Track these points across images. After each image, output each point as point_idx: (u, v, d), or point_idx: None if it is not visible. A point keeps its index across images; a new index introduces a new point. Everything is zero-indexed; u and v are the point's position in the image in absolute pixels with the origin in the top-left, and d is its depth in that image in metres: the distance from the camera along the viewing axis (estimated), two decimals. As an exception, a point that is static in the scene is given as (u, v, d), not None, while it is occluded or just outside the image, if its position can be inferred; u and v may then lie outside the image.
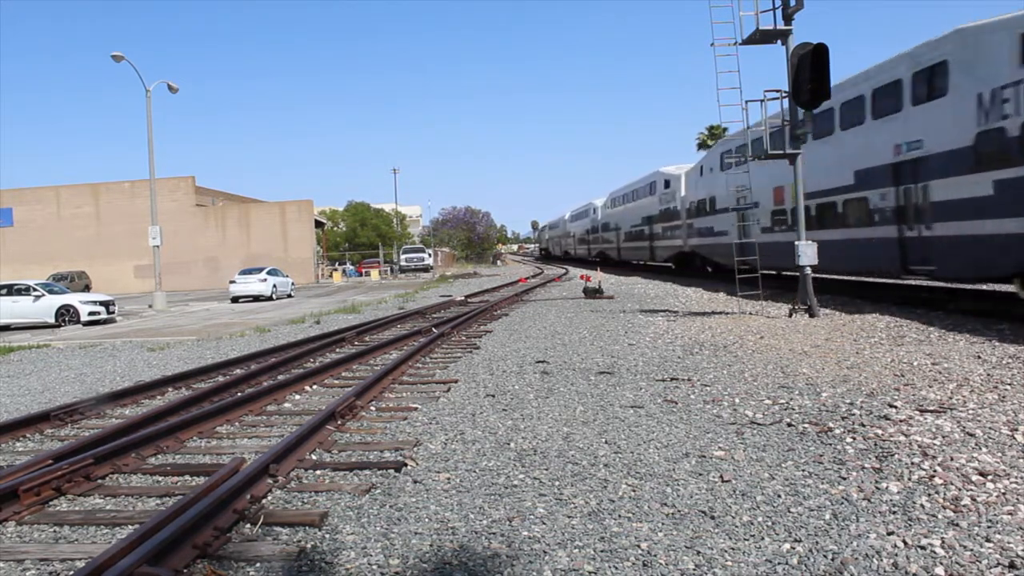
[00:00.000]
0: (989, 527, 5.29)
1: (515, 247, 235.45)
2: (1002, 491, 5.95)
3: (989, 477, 6.27)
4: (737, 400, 9.77)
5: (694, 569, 4.92)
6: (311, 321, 25.79)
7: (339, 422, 9.27)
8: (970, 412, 8.44)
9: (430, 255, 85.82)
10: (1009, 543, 5.01)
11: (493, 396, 10.84)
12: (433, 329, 19.00)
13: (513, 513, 6.06)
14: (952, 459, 6.79)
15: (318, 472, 7.45)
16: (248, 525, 5.98)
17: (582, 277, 36.04)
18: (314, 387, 12.31)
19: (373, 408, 10.35)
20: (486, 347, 16.16)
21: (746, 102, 20.59)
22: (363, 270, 76.84)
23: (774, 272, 29.57)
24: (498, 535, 5.63)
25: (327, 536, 5.75)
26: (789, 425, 8.41)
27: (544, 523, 5.82)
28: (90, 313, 30.08)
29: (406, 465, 7.52)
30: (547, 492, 6.54)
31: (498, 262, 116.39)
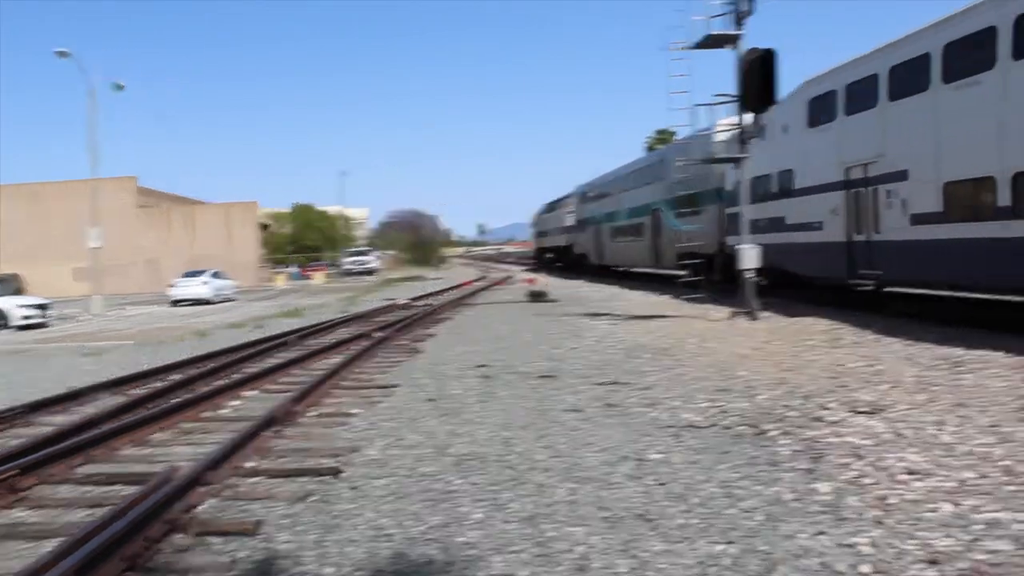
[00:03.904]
0: (913, 525, 5.41)
1: (461, 250, 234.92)
2: (928, 489, 6.09)
3: (916, 476, 6.41)
4: (676, 403, 9.86)
5: (628, 572, 4.96)
6: (253, 325, 25.52)
7: (277, 428, 9.17)
8: (900, 413, 8.61)
9: (375, 258, 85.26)
10: (932, 540, 5.13)
11: (433, 400, 10.81)
12: (376, 333, 18.90)
13: (450, 519, 6.05)
14: (882, 459, 6.93)
15: (254, 480, 7.36)
16: (180, 535, 5.89)
17: (526, 281, 36.11)
18: (253, 392, 12.17)
19: (312, 413, 10.25)
20: (428, 351, 16.12)
21: (695, 106, 21.02)
22: (308, 273, 76.04)
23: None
24: (434, 541, 5.62)
25: (261, 545, 5.69)
26: (726, 428, 8.51)
27: (480, 528, 5.82)
28: (23, 317, 29.44)
29: (343, 471, 7.47)
30: (484, 497, 6.54)
31: (443, 266, 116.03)
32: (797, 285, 22.80)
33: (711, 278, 26.60)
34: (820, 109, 20.12)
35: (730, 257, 24.12)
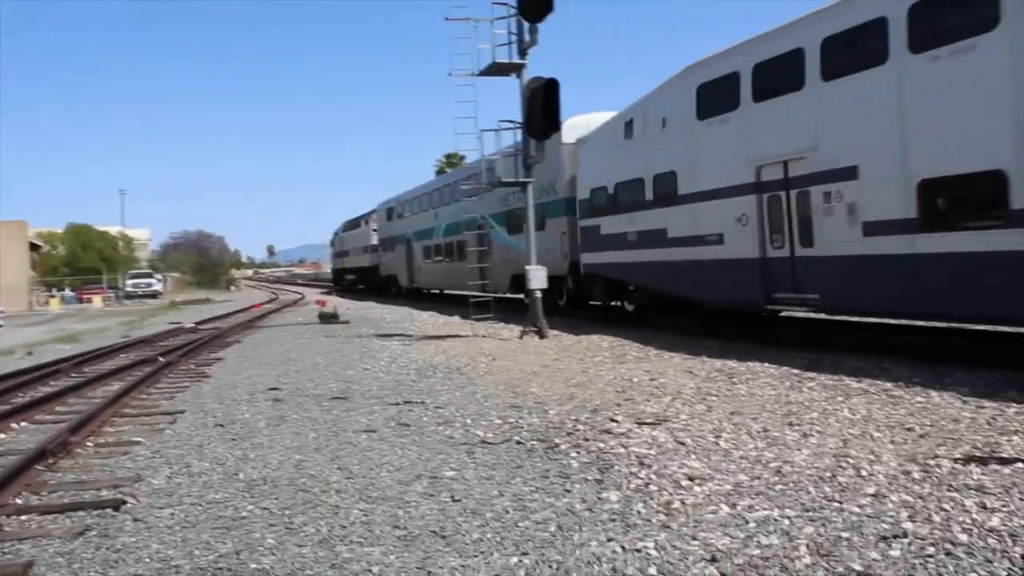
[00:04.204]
0: (695, 527, 5.71)
1: (250, 272, 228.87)
2: (707, 493, 6.45)
3: (696, 481, 6.77)
4: (469, 421, 9.97)
5: (424, 589, 4.97)
6: (22, 352, 23.81)
7: (50, 461, 8.61)
8: (682, 423, 9.06)
9: (159, 280, 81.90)
10: (711, 539, 5.43)
11: (222, 426, 10.46)
12: (160, 358, 18.11)
13: (241, 546, 5.87)
14: (666, 467, 7.27)
15: (23, 517, 6.86)
16: (-61, 580, 5.43)
17: (317, 302, 35.52)
18: (22, 424, 11.36)
19: (90, 444, 9.69)
20: (216, 375, 15.59)
21: (482, 131, 21.22)
22: (85, 297, 71.83)
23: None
24: (225, 570, 5.45)
25: (33, 585, 5.33)
26: (518, 443, 8.67)
27: (274, 554, 5.69)
28: None
29: (126, 503, 7.10)
30: (277, 522, 6.39)
31: (232, 288, 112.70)
32: (681, 311, 19.36)
33: (557, 302, 24.79)
34: (716, 97, 16.81)
35: (590, 278, 23.04)
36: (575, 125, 23.98)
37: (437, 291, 42.70)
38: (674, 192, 18.18)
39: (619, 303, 23.31)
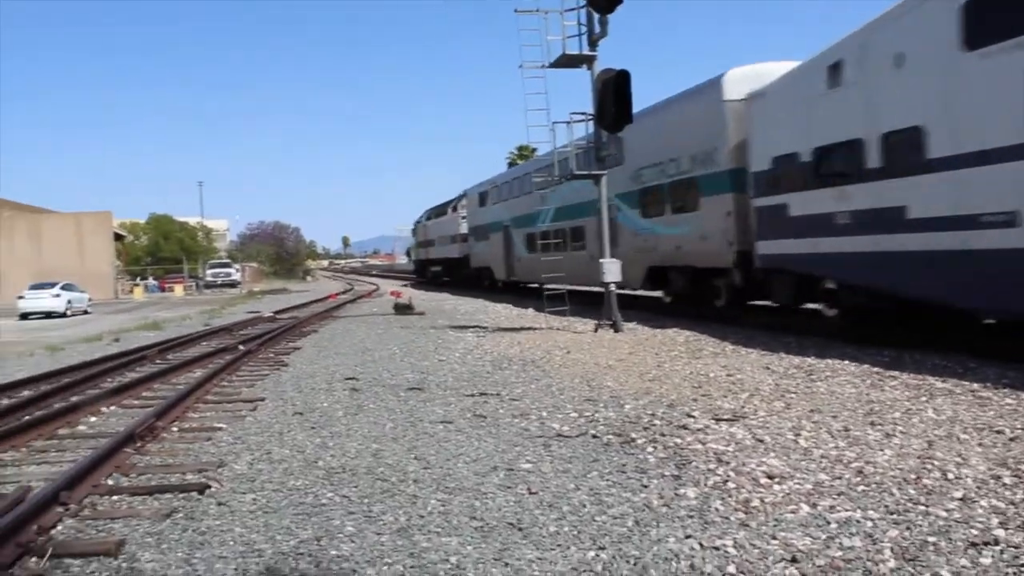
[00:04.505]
0: (775, 526, 5.63)
1: (325, 263, 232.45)
2: (787, 492, 6.35)
3: (776, 479, 6.67)
4: (545, 413, 9.97)
5: (502, 580, 4.99)
6: (109, 339, 24.56)
7: (138, 444, 8.85)
8: (760, 420, 8.94)
9: (237, 270, 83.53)
10: (792, 539, 5.35)
11: (301, 414, 10.64)
12: (240, 346, 18.48)
13: (321, 532, 5.97)
14: (744, 464, 7.18)
15: (115, 498, 7.07)
16: (34, 559, 5.62)
17: (392, 293, 35.87)
18: (111, 408, 11.71)
19: (175, 429, 9.95)
20: (294, 364, 15.85)
21: (553, 123, 21.09)
22: (166, 285, 73.75)
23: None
24: (306, 555, 5.53)
25: (124, 565, 5.47)
26: (594, 437, 8.65)
27: (353, 541, 5.76)
28: None
29: (210, 487, 7.27)
30: (356, 510, 6.47)
31: (308, 278, 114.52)
32: (919, 318, 14.84)
33: (715, 303, 21.09)
34: (1002, 13, 11.78)
35: (769, 272, 18.13)
36: (742, 77, 19.40)
37: (536, 285, 34.18)
38: (921, 155, 13.21)
39: (806, 305, 18.68)
